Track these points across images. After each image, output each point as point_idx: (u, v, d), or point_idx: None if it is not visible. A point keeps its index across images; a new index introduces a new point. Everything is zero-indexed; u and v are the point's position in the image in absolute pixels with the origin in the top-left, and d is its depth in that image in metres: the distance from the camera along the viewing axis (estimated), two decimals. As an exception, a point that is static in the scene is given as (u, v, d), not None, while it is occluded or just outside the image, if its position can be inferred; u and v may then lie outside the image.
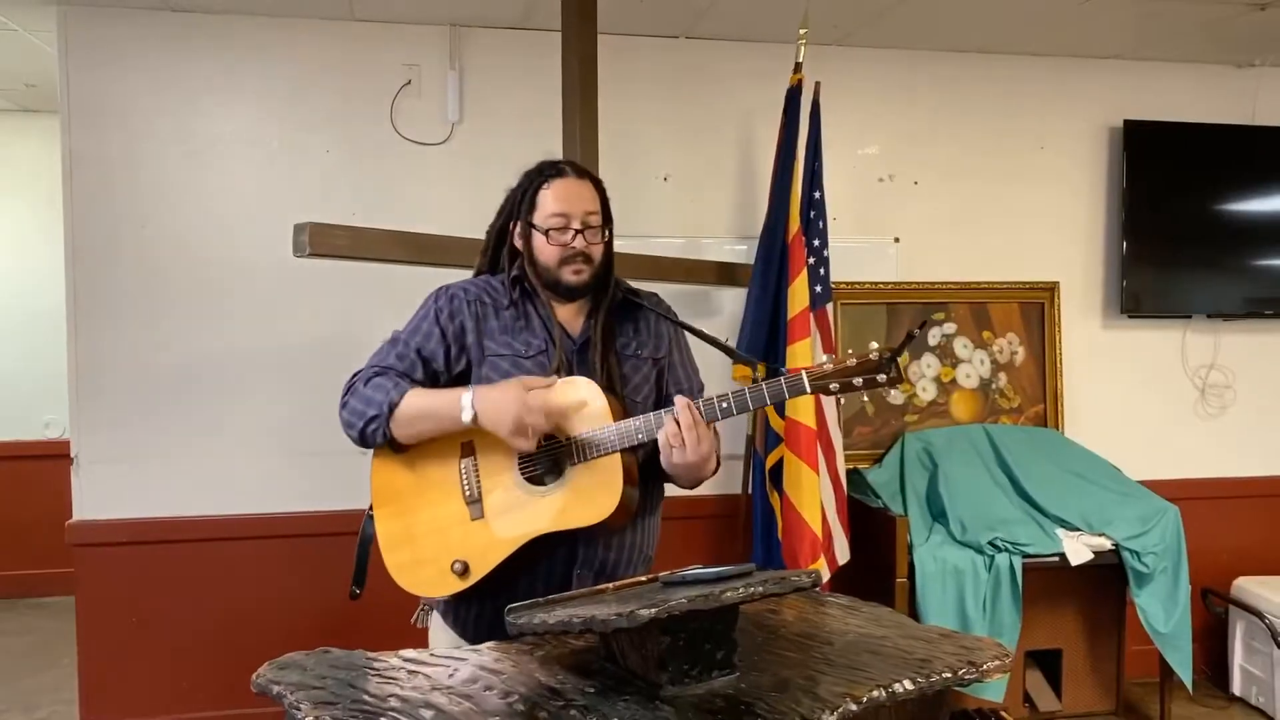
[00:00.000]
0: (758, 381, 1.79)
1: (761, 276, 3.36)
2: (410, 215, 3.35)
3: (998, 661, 1.50)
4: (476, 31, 3.57)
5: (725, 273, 3.53)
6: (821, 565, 3.20)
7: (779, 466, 3.27)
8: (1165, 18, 3.54)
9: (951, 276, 3.92)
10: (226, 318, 3.44)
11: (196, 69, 3.42)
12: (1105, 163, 4.04)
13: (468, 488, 1.83)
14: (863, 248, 3.86)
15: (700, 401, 1.79)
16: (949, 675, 1.44)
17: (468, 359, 1.91)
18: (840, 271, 3.61)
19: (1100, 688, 3.63)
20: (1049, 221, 4.02)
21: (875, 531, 3.37)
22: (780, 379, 1.76)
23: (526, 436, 1.73)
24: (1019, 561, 3.23)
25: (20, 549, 5.16)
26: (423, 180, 3.54)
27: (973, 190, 3.96)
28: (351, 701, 1.34)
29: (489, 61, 3.58)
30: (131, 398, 3.39)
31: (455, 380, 1.91)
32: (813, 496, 3.20)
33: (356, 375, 1.89)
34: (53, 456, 4.33)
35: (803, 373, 1.75)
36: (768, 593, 1.39)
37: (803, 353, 3.24)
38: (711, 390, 1.90)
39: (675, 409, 1.76)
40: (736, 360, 3.01)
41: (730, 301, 3.69)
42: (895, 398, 3.84)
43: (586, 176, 1.94)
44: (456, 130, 3.57)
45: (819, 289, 3.36)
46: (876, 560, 3.32)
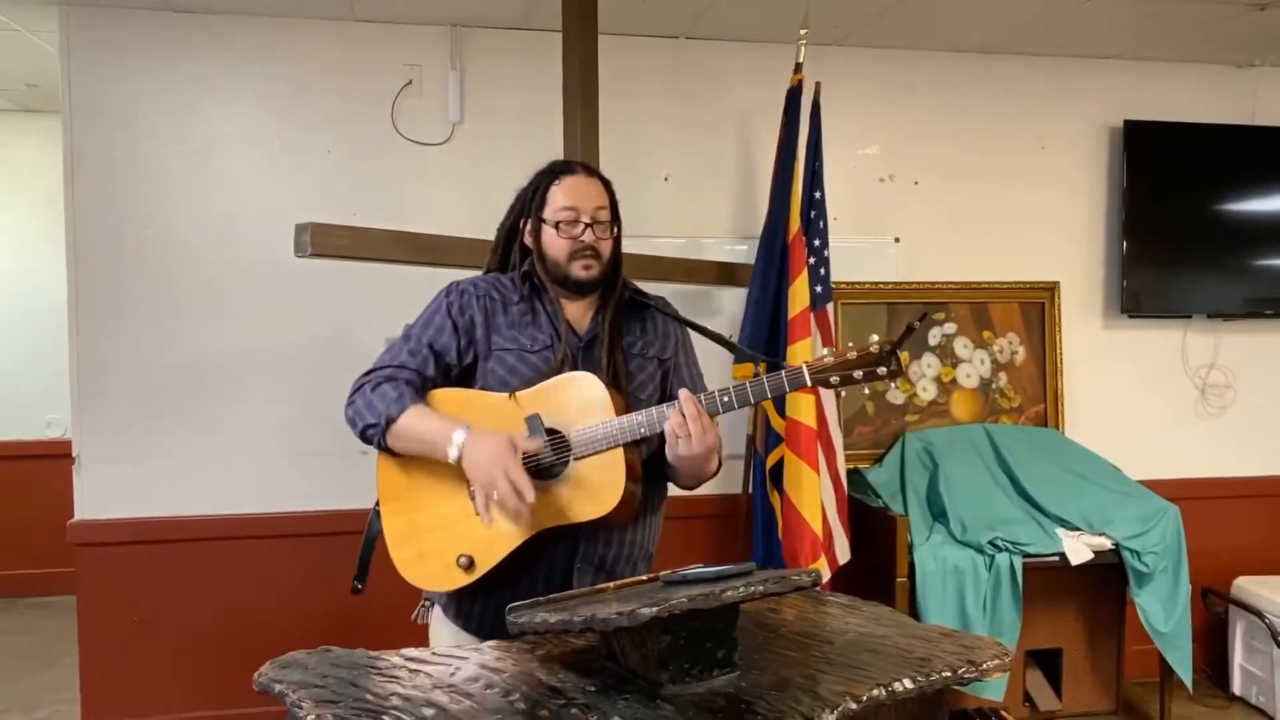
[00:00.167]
0: (758, 378, 1.79)
1: (762, 276, 3.36)
2: (411, 215, 3.36)
3: (998, 661, 1.50)
4: (477, 32, 3.57)
5: (726, 273, 3.54)
6: (822, 565, 3.21)
7: (779, 466, 3.28)
8: (1165, 18, 3.54)
9: (952, 276, 3.92)
10: (227, 318, 3.45)
11: (198, 69, 3.42)
12: (1105, 163, 4.05)
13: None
14: (863, 248, 3.86)
15: (702, 395, 1.80)
16: (949, 674, 1.45)
17: (475, 353, 1.92)
18: (841, 271, 3.61)
19: (1100, 687, 3.63)
20: (1049, 221, 4.02)
21: (876, 531, 3.38)
22: (781, 372, 1.78)
23: (492, 497, 1.72)
24: (1019, 561, 3.23)
25: (21, 548, 5.17)
26: (423, 180, 3.55)
27: (973, 190, 3.96)
28: (353, 700, 1.34)
29: (490, 61, 3.58)
30: (133, 397, 3.40)
31: (465, 372, 1.92)
32: (813, 496, 3.20)
33: (368, 375, 1.89)
34: (54, 456, 4.34)
35: (803, 366, 1.78)
36: (768, 592, 1.40)
37: (803, 352, 3.24)
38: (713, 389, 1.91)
39: (679, 400, 1.77)
40: (740, 359, 3.02)
41: (730, 301, 3.70)
42: (895, 397, 3.85)
43: (596, 176, 1.98)
44: (457, 130, 3.57)
45: (819, 289, 3.36)
46: (877, 560, 3.33)
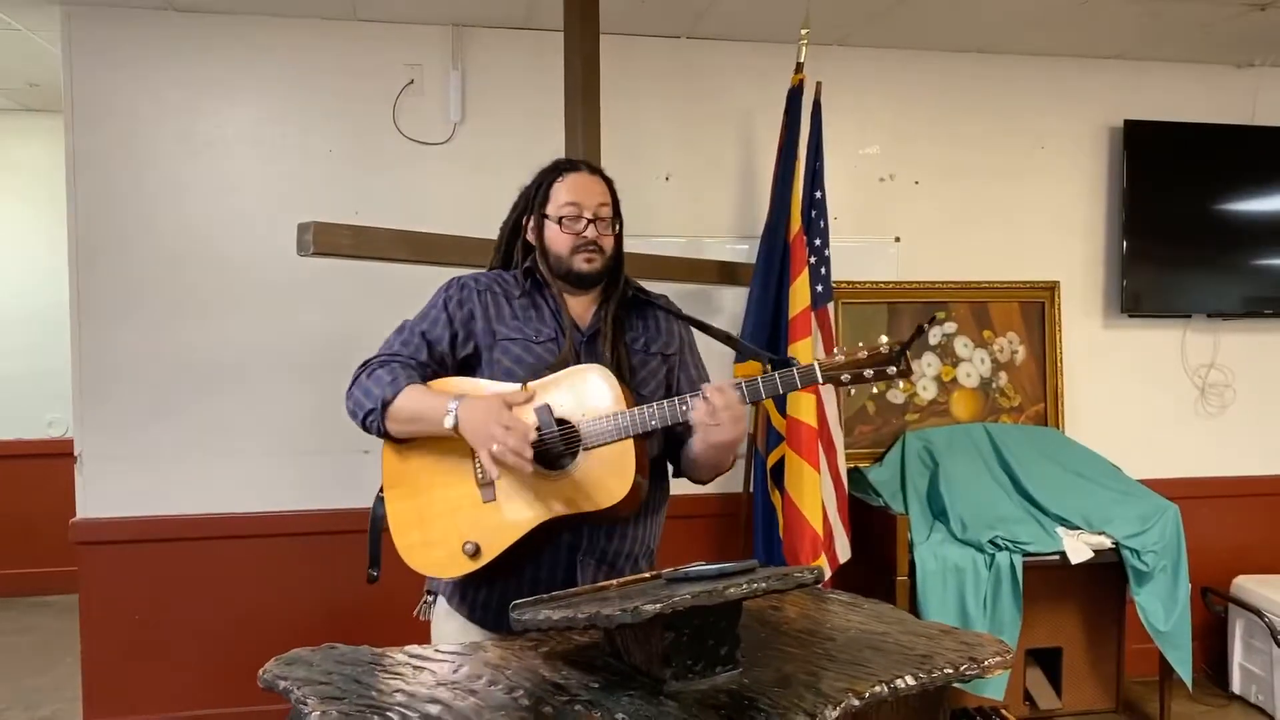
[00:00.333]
0: (769, 374, 1.80)
1: (763, 276, 3.37)
2: (412, 214, 3.36)
3: (999, 658, 1.51)
4: (479, 31, 3.58)
5: (726, 272, 3.54)
6: (822, 563, 3.21)
7: (780, 465, 3.28)
8: (1165, 18, 3.55)
9: (952, 276, 3.92)
10: (229, 317, 3.45)
11: (199, 69, 3.43)
12: (1105, 162, 4.05)
13: (480, 470, 1.84)
14: (864, 247, 3.87)
15: (726, 382, 1.80)
16: (950, 671, 1.45)
17: (475, 344, 1.93)
18: (841, 271, 3.62)
19: (1100, 686, 3.64)
20: (1049, 221, 4.03)
21: (876, 530, 3.38)
22: (793, 368, 1.80)
23: (493, 453, 1.71)
24: (1019, 560, 3.23)
25: (24, 547, 5.18)
26: (425, 180, 3.55)
27: (973, 190, 3.97)
28: (358, 696, 1.35)
29: (491, 61, 3.59)
30: (135, 396, 3.40)
31: (461, 365, 1.94)
32: (814, 495, 3.21)
33: (365, 364, 1.92)
34: (56, 455, 4.35)
35: (815, 363, 1.79)
36: (771, 589, 1.41)
37: (804, 352, 3.24)
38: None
39: (705, 390, 1.77)
40: (743, 357, 3.02)
41: (731, 301, 3.70)
42: (896, 396, 3.85)
43: (598, 173, 2.00)
44: (459, 130, 3.58)
45: (820, 288, 3.37)
46: (877, 558, 3.33)
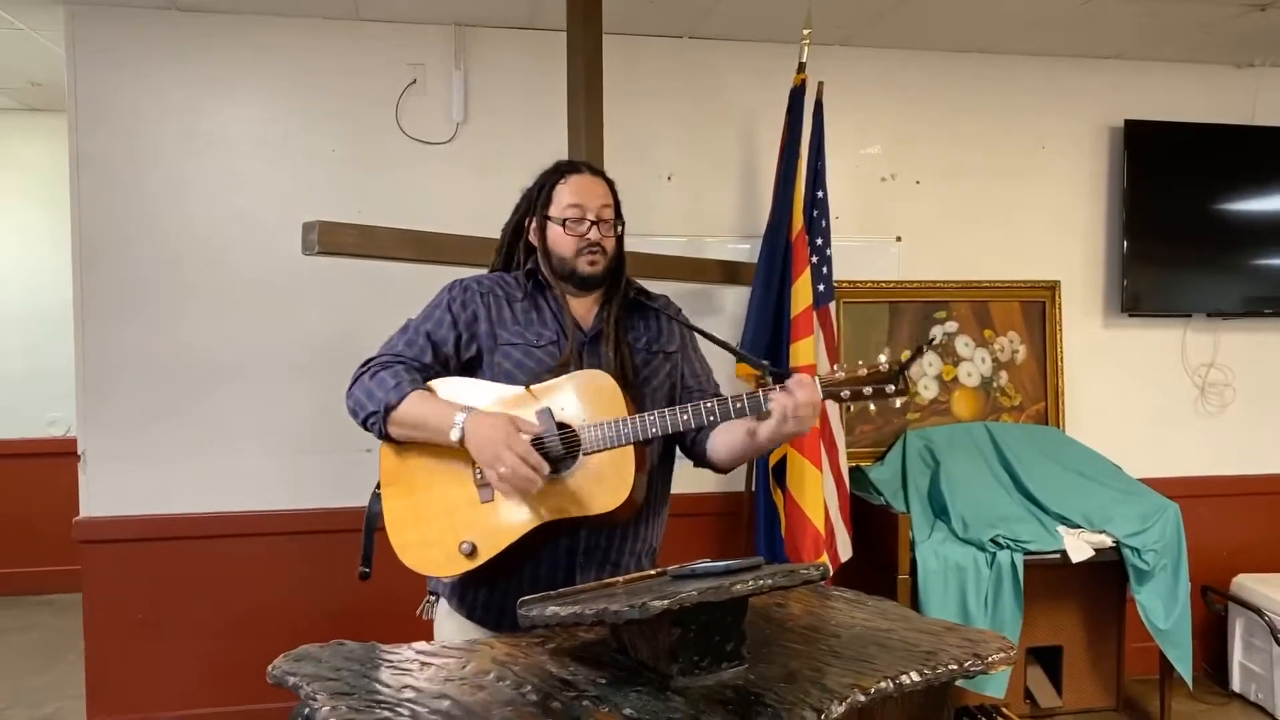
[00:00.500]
0: (764, 379, 1.81)
1: (765, 275, 3.38)
2: (415, 214, 3.36)
3: (1002, 654, 1.51)
4: (481, 31, 3.58)
5: (728, 271, 3.55)
6: (824, 562, 3.22)
7: (782, 464, 3.29)
8: (1165, 18, 3.56)
9: (953, 275, 3.93)
10: (233, 315, 3.46)
11: (202, 68, 3.44)
12: (1106, 162, 4.06)
13: (479, 471, 1.84)
14: (865, 247, 3.88)
15: (714, 402, 1.81)
16: (954, 668, 1.46)
17: (478, 346, 1.93)
18: (843, 270, 3.63)
19: (1101, 684, 3.65)
20: (1050, 221, 4.04)
21: (877, 529, 3.40)
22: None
23: (499, 474, 1.73)
24: (1020, 559, 3.25)
25: (27, 546, 5.19)
26: (428, 179, 3.56)
27: (974, 190, 3.98)
28: (367, 692, 1.36)
29: (494, 61, 3.60)
30: (138, 395, 3.41)
31: (464, 366, 1.94)
32: (815, 494, 3.21)
33: (366, 365, 1.91)
34: (59, 454, 4.36)
35: (816, 378, 1.79)
36: (776, 585, 1.42)
37: (805, 351, 3.26)
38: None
39: (791, 384, 1.75)
40: (741, 360, 3.03)
41: (733, 300, 3.71)
42: (897, 396, 3.86)
43: (600, 175, 2.01)
44: (461, 129, 3.58)
45: (822, 288, 3.38)
46: (879, 557, 3.34)
